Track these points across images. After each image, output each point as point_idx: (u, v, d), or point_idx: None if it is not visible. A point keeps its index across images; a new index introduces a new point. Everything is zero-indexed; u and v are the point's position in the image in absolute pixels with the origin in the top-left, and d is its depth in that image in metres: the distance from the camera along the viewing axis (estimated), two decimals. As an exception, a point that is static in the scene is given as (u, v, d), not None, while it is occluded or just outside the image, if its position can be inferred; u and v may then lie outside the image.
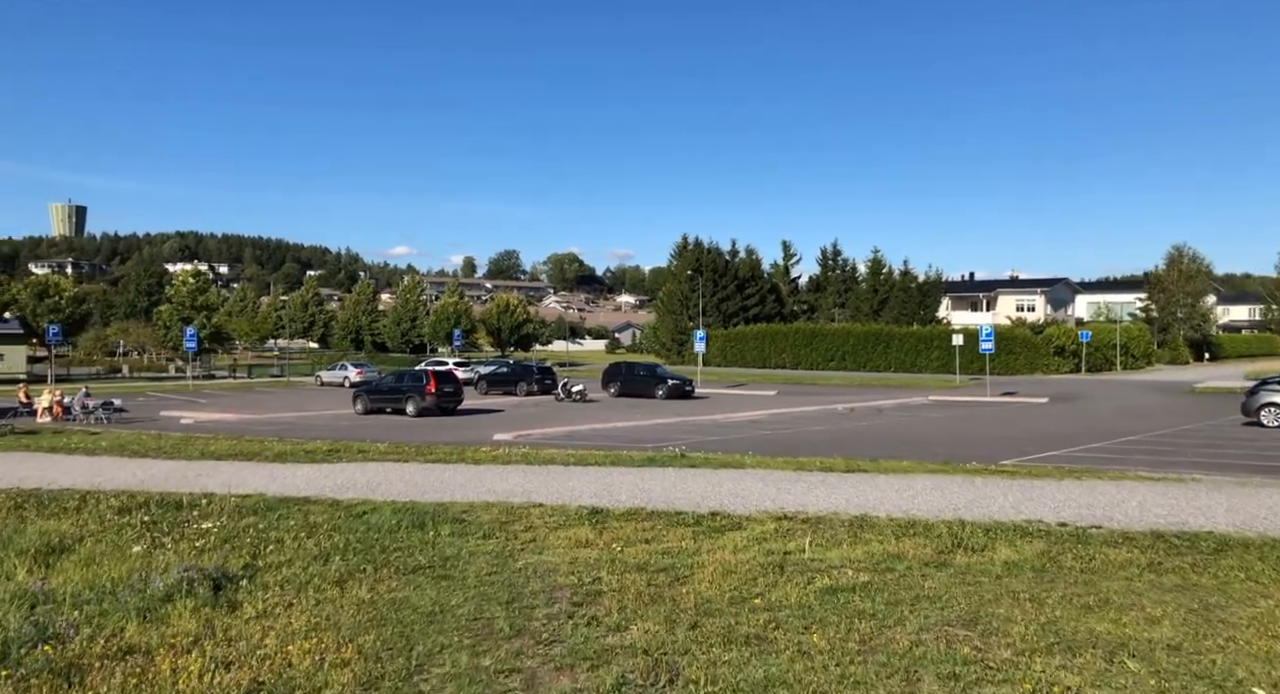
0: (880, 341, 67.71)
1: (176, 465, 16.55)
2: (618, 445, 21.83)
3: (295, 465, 16.36)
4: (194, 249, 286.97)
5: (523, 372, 46.98)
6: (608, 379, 45.47)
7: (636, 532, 9.65)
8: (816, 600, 6.90)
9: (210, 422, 31.83)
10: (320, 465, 16.32)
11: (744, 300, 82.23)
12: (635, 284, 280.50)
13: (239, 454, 18.32)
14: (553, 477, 14.18)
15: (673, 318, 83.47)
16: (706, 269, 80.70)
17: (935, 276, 75.15)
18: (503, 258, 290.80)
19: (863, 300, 77.31)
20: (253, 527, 10.11)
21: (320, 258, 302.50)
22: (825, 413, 34.82)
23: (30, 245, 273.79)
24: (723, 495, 12.07)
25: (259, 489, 13.25)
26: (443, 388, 33.79)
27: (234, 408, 37.76)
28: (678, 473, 14.33)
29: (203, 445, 20.66)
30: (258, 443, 21.70)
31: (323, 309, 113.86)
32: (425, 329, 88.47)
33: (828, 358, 69.70)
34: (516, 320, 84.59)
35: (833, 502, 11.46)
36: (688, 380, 44.33)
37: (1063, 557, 8.28)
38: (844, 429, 27.71)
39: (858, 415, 33.44)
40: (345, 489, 13.18)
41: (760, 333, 74.33)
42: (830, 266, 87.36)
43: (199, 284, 58.27)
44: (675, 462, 15.89)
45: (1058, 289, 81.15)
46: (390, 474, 14.83)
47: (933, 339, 65.97)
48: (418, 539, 9.42)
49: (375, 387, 36.29)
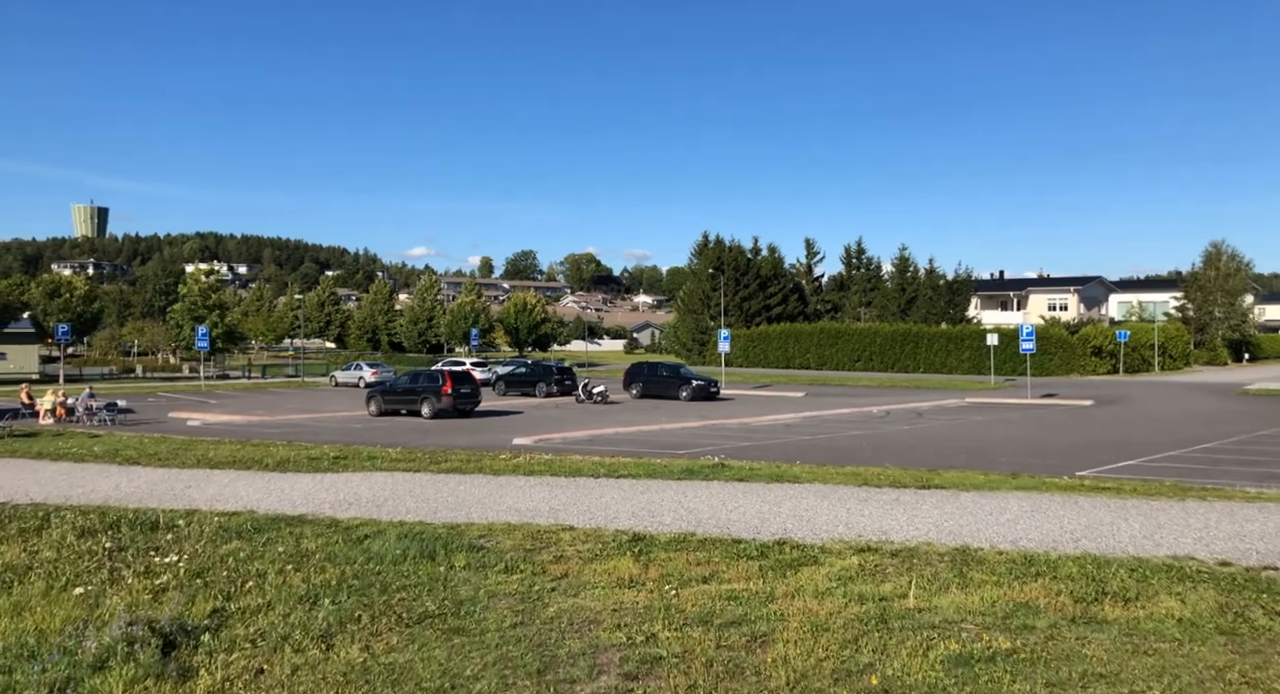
0: (909, 342, 65.78)
1: (166, 474, 15.04)
2: (647, 452, 20.19)
3: (296, 475, 14.81)
4: (214, 250, 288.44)
5: (542, 372, 45.43)
6: (630, 380, 43.86)
7: (690, 566, 7.97)
8: (948, 677, 5.21)
9: (218, 424, 30.51)
10: (323, 475, 14.76)
11: (766, 299, 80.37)
12: (652, 284, 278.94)
13: (238, 461, 16.79)
14: (582, 491, 12.54)
15: (693, 317, 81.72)
16: (728, 267, 78.90)
17: (965, 275, 72.94)
18: (520, 258, 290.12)
19: (889, 299, 75.25)
20: (232, 556, 8.53)
21: (339, 258, 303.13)
22: (860, 415, 33.05)
23: (53, 246, 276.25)
24: (784, 517, 10.36)
25: (251, 504, 11.70)
26: (459, 389, 32.35)
27: (245, 409, 36.43)
28: (724, 488, 12.64)
29: (202, 451, 19.19)
30: (261, 448, 20.23)
31: (339, 309, 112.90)
32: (442, 329, 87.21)
33: (854, 358, 67.83)
34: (534, 320, 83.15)
35: (918, 527, 9.71)
36: (712, 381, 42.63)
37: (1250, 611, 6.50)
38: (886, 434, 25.91)
39: (895, 418, 31.61)
40: (347, 505, 11.60)
41: (784, 332, 72.53)
42: (854, 265, 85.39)
43: (212, 282, 57.17)
44: (718, 473, 14.22)
45: (1091, 287, 78.66)
46: (399, 486, 13.25)
47: (963, 339, 64.00)
48: (426, 574, 7.80)
49: (390, 387, 34.87)
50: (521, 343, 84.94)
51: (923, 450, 21.16)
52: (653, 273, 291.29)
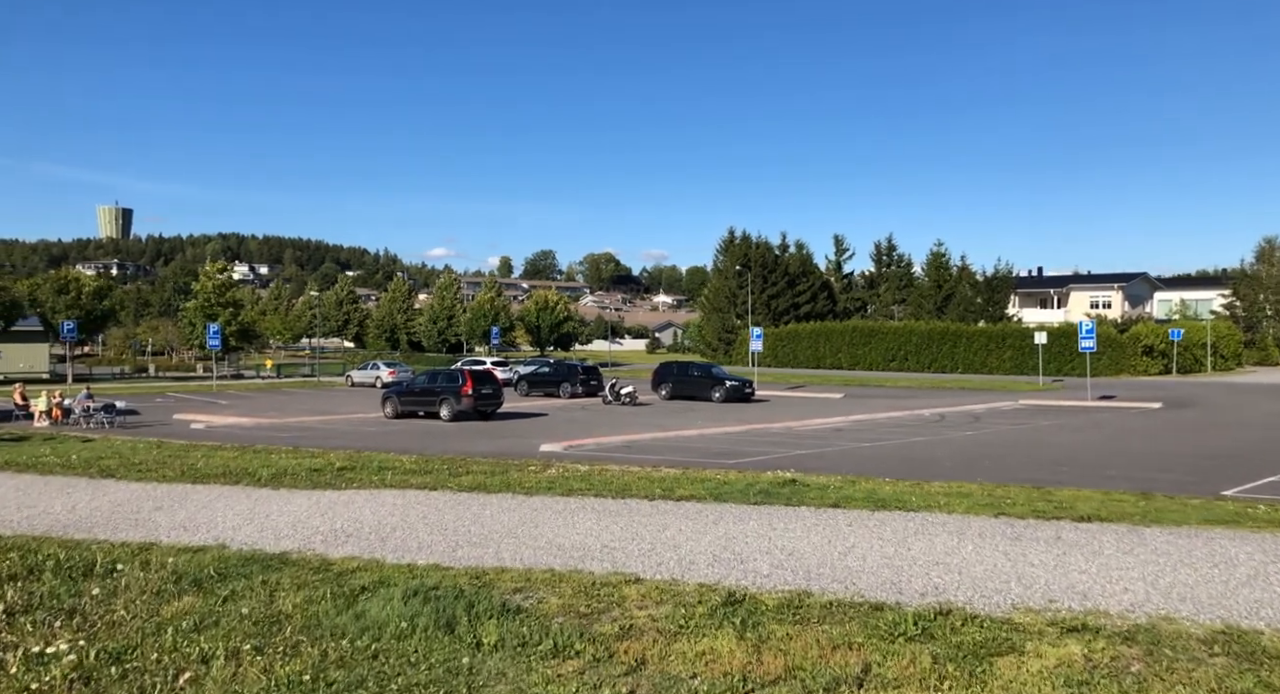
0: (946, 340, 63.03)
1: (139, 491, 12.79)
2: (692, 461, 17.77)
3: (290, 492, 12.52)
4: (236, 250, 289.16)
5: (566, 372, 43.16)
6: (659, 380, 41.51)
7: (823, 651, 5.47)
8: None
9: (223, 427, 28.48)
10: (323, 493, 12.46)
11: (795, 297, 77.80)
12: (672, 284, 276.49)
13: (228, 473, 14.55)
14: (639, 520, 10.12)
15: (719, 316, 79.26)
16: (755, 264, 76.37)
17: (1005, 271, 69.90)
18: (539, 258, 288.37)
19: (925, 297, 72.39)
20: (175, 624, 6.16)
21: (359, 259, 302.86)
22: (913, 419, 30.50)
23: (79, 247, 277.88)
24: (922, 565, 7.70)
25: (225, 535, 9.41)
26: (480, 389, 30.17)
27: (255, 411, 34.42)
28: (818, 517, 10.12)
29: (193, 459, 17.02)
30: (261, 455, 18.05)
31: (357, 308, 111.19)
32: (462, 327, 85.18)
33: (888, 358, 65.14)
34: (556, 318, 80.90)
35: (1126, 587, 6.82)
36: (747, 381, 40.20)
37: None
38: (953, 440, 23.32)
39: (953, 423, 29.00)
40: (344, 537, 9.27)
41: (814, 331, 69.92)
42: (885, 262, 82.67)
43: (225, 279, 55.30)
44: (799, 494, 11.75)
45: (1135, 284, 75.25)
46: (411, 510, 10.90)
47: (1005, 337, 61.22)
48: (442, 662, 5.42)
49: (407, 388, 32.73)
50: (543, 342, 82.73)
51: (1008, 460, 18.60)
52: (672, 273, 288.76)
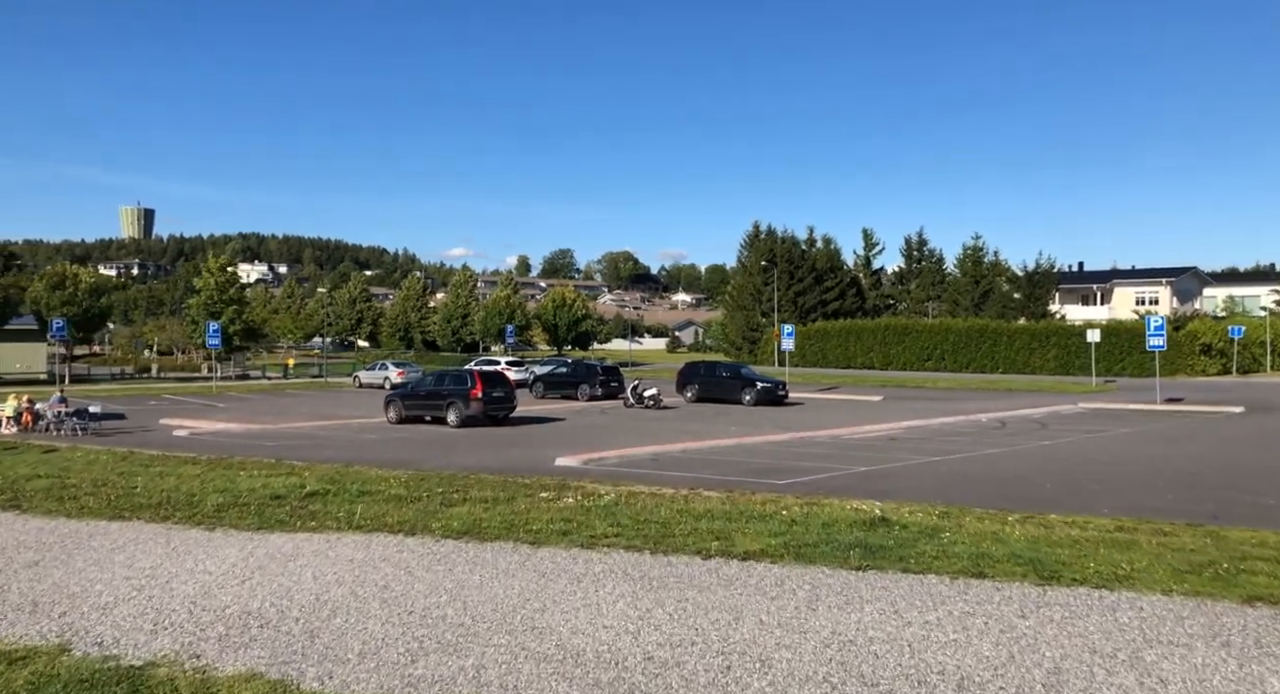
0: (985, 339, 59.68)
1: (32, 533, 10.05)
2: (736, 480, 14.86)
3: (226, 535, 9.73)
4: (256, 250, 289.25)
5: (585, 372, 40.31)
6: (684, 381, 38.59)
7: None
8: None
9: (208, 433, 25.91)
10: (267, 537, 9.65)
11: (822, 294, 74.63)
12: (691, 282, 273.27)
13: (164, 504, 11.82)
14: (693, 598, 7.13)
15: (743, 313, 76.15)
16: (781, 260, 73.24)
17: (1047, 266, 66.25)
18: (557, 256, 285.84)
19: (961, 293, 68.90)
20: None
21: (378, 258, 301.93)
22: (971, 425, 27.42)
23: (101, 248, 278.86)
24: None
25: (81, 623, 6.55)
26: (490, 392, 27.42)
27: (250, 415, 31.86)
28: (965, 597, 6.78)
29: (140, 481, 14.36)
30: (228, 472, 15.37)
31: (371, 306, 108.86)
32: (476, 325, 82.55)
33: (922, 357, 61.85)
34: (574, 316, 78.07)
35: None
36: (779, 383, 37.20)
37: None
38: (1030, 452, 20.23)
39: (1017, 430, 25.88)
40: (255, 630, 6.40)
41: (844, 329, 66.70)
42: (916, 257, 79.31)
43: (230, 275, 52.92)
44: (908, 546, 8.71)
45: (1185, 279, 71.22)
46: (370, 573, 8.04)
47: (1049, 336, 57.78)
48: None
49: (412, 391, 30.04)
50: (560, 341, 79.96)
51: (1115, 480, 15.51)
52: (690, 271, 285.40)
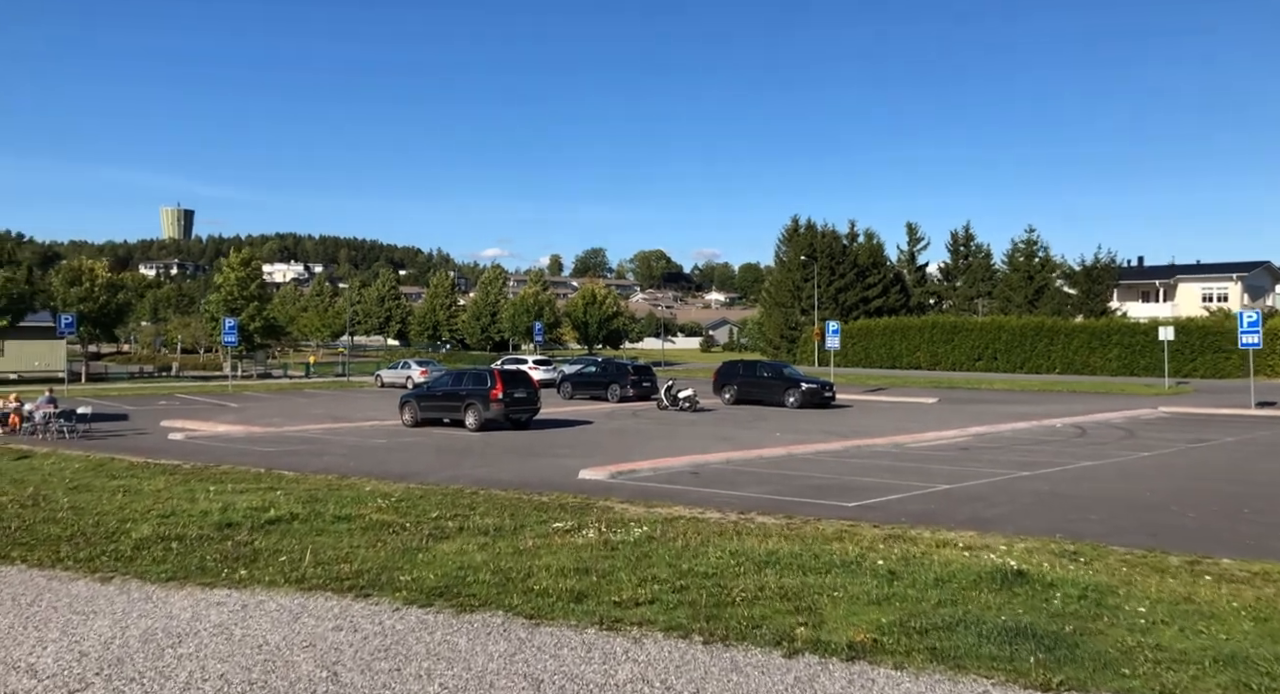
0: (1041, 337, 56.29)
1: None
2: (793, 502, 12.27)
3: (121, 588, 7.44)
4: (293, 250, 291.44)
5: (615, 372, 37.85)
6: (721, 381, 35.99)
7: None
8: None
9: (207, 436, 23.97)
10: (167, 598, 7.32)
11: (864, 290, 71.46)
12: (724, 281, 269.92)
13: (71, 539, 9.58)
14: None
15: (781, 311, 73.19)
16: (821, 255, 70.17)
17: (1107, 261, 62.45)
18: (589, 255, 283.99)
19: (1013, 290, 65.32)
20: None
21: (412, 258, 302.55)
22: (1045, 432, 24.58)
23: (142, 248, 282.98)
24: None
25: None
26: (511, 393, 25.13)
27: (259, 416, 29.94)
28: None
29: (74, 500, 12.22)
30: (198, 486, 13.19)
31: (400, 304, 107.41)
32: (504, 323, 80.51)
33: (973, 357, 58.57)
34: (605, 313, 75.72)
35: None
36: (826, 383, 34.45)
37: None
38: (1137, 468, 17.36)
39: (1102, 438, 22.94)
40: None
41: (888, 327, 63.57)
42: (962, 253, 75.69)
43: (250, 271, 51.35)
44: (1087, 638, 6.06)
45: (1257, 274, 66.77)
46: (274, 679, 5.58)
47: (1110, 334, 54.22)
48: None
49: (429, 391, 27.87)
50: (591, 339, 77.62)
51: (1273, 507, 12.62)
52: (724, 270, 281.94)
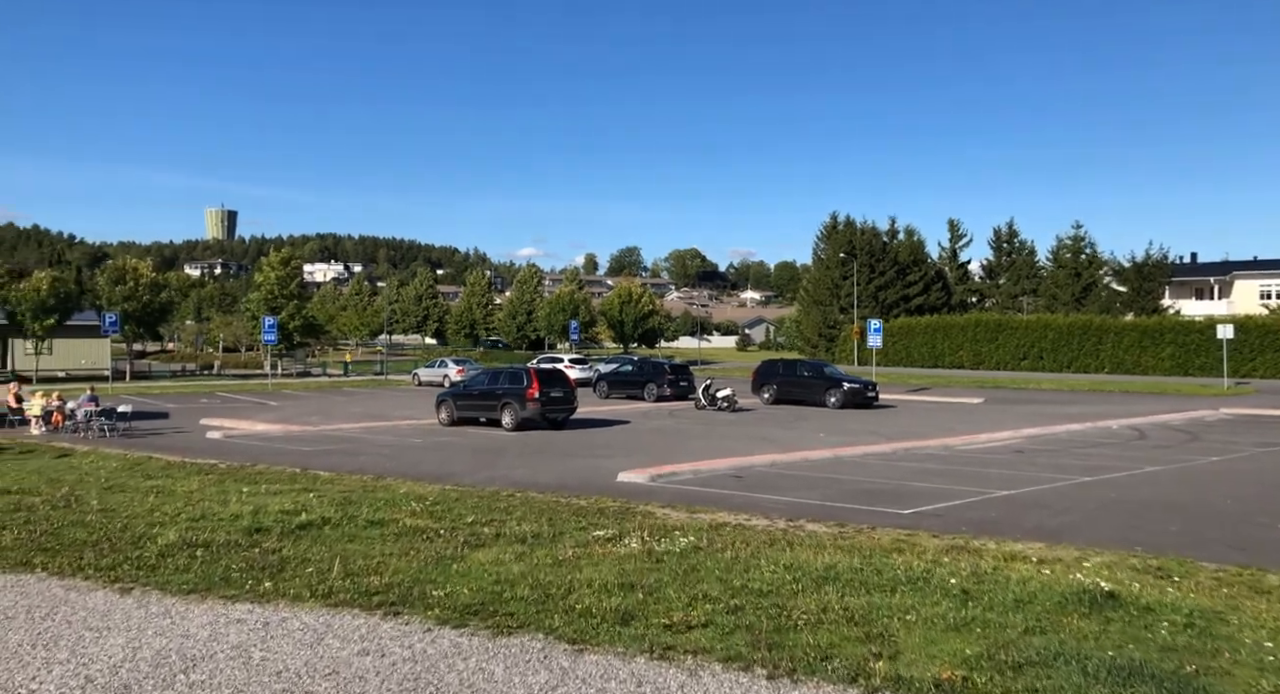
0: (1089, 336, 54.66)
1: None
2: (841, 507, 11.64)
3: (141, 601, 7.11)
4: (333, 250, 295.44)
5: (652, 371, 37.35)
6: (761, 380, 35.30)
7: None
8: None
9: (245, 435, 23.95)
10: (187, 611, 6.98)
11: (905, 288, 70.17)
12: (759, 279, 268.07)
13: (96, 544, 9.33)
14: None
15: (819, 309, 72.15)
16: (861, 252, 69.00)
17: (1159, 258, 60.49)
18: (624, 254, 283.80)
19: (1060, 287, 63.60)
20: None
21: (449, 258, 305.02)
22: (1102, 434, 23.64)
23: (188, 248, 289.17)
24: None
25: None
26: (548, 392, 24.81)
27: (298, 415, 29.98)
28: None
29: (105, 501, 12.01)
30: (232, 486, 12.99)
31: (437, 303, 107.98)
32: (540, 321, 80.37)
33: (1018, 356, 57.10)
34: (641, 312, 75.19)
35: None
36: (868, 383, 33.62)
37: None
38: (1214, 473, 16.45)
39: (1163, 441, 21.93)
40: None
41: (930, 326, 62.26)
42: (1005, 250, 73.92)
43: (290, 270, 51.75)
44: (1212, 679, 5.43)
45: (1319, 271, 64.30)
46: None
47: (1163, 333, 52.45)
48: None
49: (465, 390, 27.66)
50: (626, 338, 77.17)
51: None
52: (759, 268, 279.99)
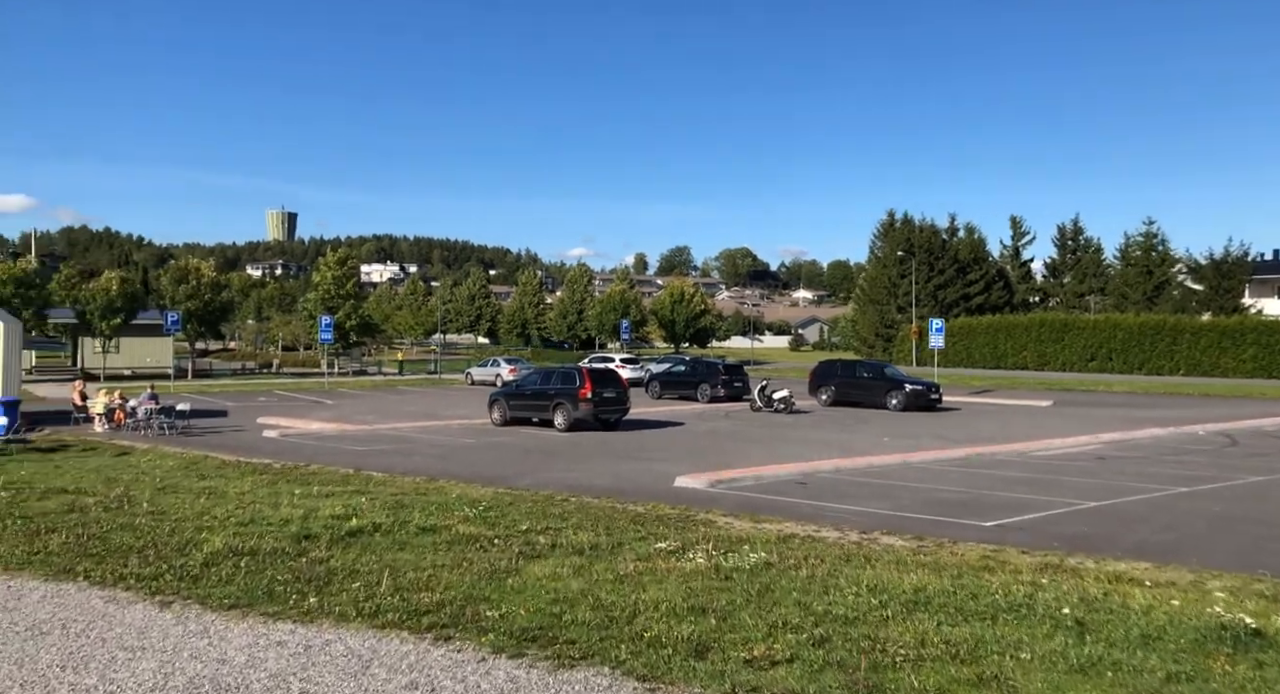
0: (1163, 336, 52.42)
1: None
2: (917, 519, 10.91)
3: (180, 617, 6.73)
4: (389, 251, 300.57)
5: (705, 371, 36.62)
6: (818, 381, 34.36)
7: None
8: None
9: (301, 434, 23.97)
10: (225, 631, 6.56)
11: (965, 287, 68.27)
12: (811, 279, 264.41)
13: (141, 550, 9.04)
14: None
15: (876, 308, 70.58)
16: (919, 250, 67.29)
17: (1240, 254, 57.71)
18: (674, 254, 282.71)
19: (1130, 286, 61.12)
20: None
21: (501, 258, 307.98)
22: (1188, 440, 22.37)
23: (249, 249, 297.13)
24: None
25: None
26: (600, 392, 24.38)
27: (353, 414, 30.06)
28: None
29: (159, 503, 11.85)
30: (283, 488, 12.76)
31: (490, 303, 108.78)
32: (591, 321, 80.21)
33: (1086, 357, 55.05)
34: (692, 311, 74.49)
35: None
36: (932, 385, 32.47)
37: None
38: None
39: (1259, 449, 20.50)
40: None
41: (992, 326, 60.43)
42: (1070, 247, 71.44)
43: (346, 270, 52.41)
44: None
45: None
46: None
47: (1244, 333, 50.14)
48: None
49: (517, 390, 27.36)
50: (678, 338, 76.54)
51: None
52: (812, 267, 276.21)
